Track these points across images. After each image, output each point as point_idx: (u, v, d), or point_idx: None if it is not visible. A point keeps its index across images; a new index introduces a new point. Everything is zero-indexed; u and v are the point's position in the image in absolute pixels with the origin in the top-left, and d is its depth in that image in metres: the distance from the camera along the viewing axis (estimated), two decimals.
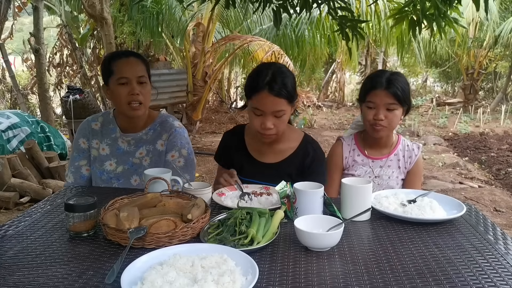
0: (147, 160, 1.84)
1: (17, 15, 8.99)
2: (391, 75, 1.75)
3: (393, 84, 1.71)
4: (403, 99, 1.72)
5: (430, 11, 1.90)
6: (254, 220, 1.18)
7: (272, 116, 1.60)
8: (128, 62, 1.74)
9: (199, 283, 0.89)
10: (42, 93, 6.54)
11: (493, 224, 1.33)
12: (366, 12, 5.52)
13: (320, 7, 2.16)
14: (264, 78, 1.59)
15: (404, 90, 1.72)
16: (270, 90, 1.57)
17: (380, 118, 1.72)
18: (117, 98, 1.74)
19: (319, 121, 10.11)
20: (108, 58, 1.80)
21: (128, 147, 1.85)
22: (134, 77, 1.72)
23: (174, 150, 1.84)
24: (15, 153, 4.36)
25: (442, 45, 10.83)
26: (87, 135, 1.87)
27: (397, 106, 1.73)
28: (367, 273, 1.00)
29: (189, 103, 7.10)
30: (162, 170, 1.57)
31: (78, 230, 1.21)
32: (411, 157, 1.89)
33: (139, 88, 1.73)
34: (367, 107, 1.76)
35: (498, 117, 10.04)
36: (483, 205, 4.19)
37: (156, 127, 1.87)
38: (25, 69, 10.92)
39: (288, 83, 1.60)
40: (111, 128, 1.87)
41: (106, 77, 1.76)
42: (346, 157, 1.90)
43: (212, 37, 7.05)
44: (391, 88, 1.71)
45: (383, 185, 1.87)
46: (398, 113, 1.75)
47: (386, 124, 1.74)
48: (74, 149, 1.89)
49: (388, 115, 1.73)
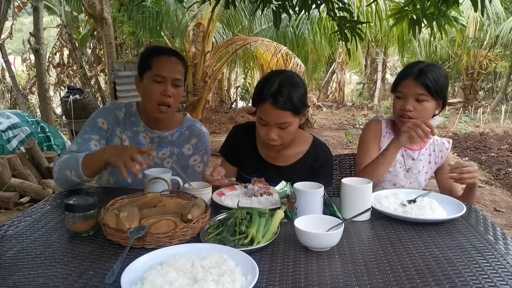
0: (169, 162, 1.79)
1: (17, 15, 9.00)
2: (426, 65, 1.65)
3: (424, 74, 1.61)
4: (434, 90, 1.60)
5: (430, 10, 1.90)
6: (254, 220, 1.18)
7: (277, 127, 1.56)
8: (169, 61, 1.68)
9: (199, 283, 0.89)
10: (42, 93, 6.55)
11: (493, 224, 1.33)
12: (367, 12, 5.52)
13: (319, 7, 2.16)
14: (269, 88, 1.54)
15: (437, 82, 1.61)
16: (274, 102, 1.52)
17: (408, 108, 1.62)
18: (148, 94, 1.68)
19: (319, 121, 10.12)
20: (150, 51, 1.74)
21: (151, 144, 1.79)
22: (171, 78, 1.66)
23: (198, 155, 1.82)
24: (15, 153, 4.36)
25: (442, 45, 10.85)
26: (109, 119, 1.76)
27: (428, 97, 1.62)
28: (367, 273, 1.00)
29: (189, 103, 7.10)
30: (162, 170, 1.57)
31: (78, 230, 1.21)
32: (442, 151, 1.80)
33: (172, 90, 1.67)
34: (397, 97, 1.68)
35: (498, 117, 10.05)
36: (483, 205, 4.19)
37: (183, 130, 1.84)
38: (25, 69, 10.93)
39: (294, 95, 1.53)
40: (133, 121, 1.79)
41: (142, 70, 1.70)
42: (384, 135, 1.81)
43: (212, 37, 7.06)
44: (421, 78, 1.61)
45: (411, 178, 1.79)
46: (429, 105, 1.63)
47: (415, 116, 1.62)
48: (87, 125, 1.76)
49: (417, 106, 1.62)
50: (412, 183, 1.80)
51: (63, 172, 1.57)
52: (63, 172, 1.57)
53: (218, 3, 2.35)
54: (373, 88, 13.26)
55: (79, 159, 1.53)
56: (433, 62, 1.86)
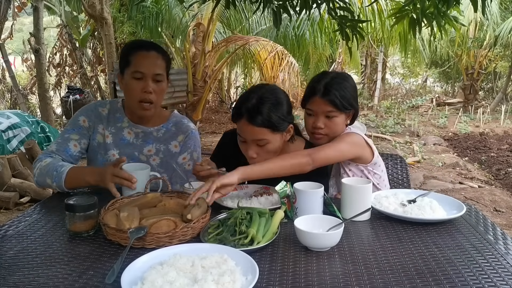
0: (155, 159, 1.75)
1: (17, 15, 8.99)
2: (331, 79, 1.63)
3: (330, 91, 1.60)
4: (342, 106, 1.61)
5: (430, 10, 1.90)
6: (254, 220, 1.18)
7: (254, 144, 1.53)
8: (148, 56, 1.61)
9: (199, 283, 0.89)
10: (42, 93, 6.54)
11: (493, 224, 1.33)
12: (369, 11, 5.52)
13: (320, 7, 2.16)
14: (246, 105, 1.51)
15: (344, 97, 1.61)
16: (250, 118, 1.49)
17: (319, 126, 1.63)
18: (129, 92, 1.63)
19: None
20: (128, 47, 1.68)
21: (135, 140, 1.75)
22: (151, 74, 1.60)
23: (186, 153, 1.78)
24: (15, 153, 4.36)
25: (442, 45, 10.84)
26: (91, 117, 1.73)
27: (337, 113, 1.62)
28: (367, 273, 1.00)
29: (189, 103, 7.10)
30: (139, 166, 1.56)
31: (78, 230, 1.21)
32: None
33: (153, 86, 1.61)
34: (307, 114, 1.68)
35: (498, 117, 10.04)
36: (483, 205, 4.19)
37: (169, 126, 1.79)
38: (25, 69, 10.93)
39: (272, 111, 1.49)
40: (117, 117, 1.75)
41: (122, 67, 1.65)
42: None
43: (212, 37, 7.05)
44: (328, 96, 1.60)
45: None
46: (339, 120, 1.64)
47: (326, 132, 1.64)
48: (69, 124, 1.74)
49: (328, 122, 1.63)
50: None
51: (43, 178, 1.57)
52: (44, 178, 1.57)
53: (218, 3, 2.35)
54: (373, 88, 13.24)
55: (62, 174, 1.52)
56: (340, 72, 1.82)
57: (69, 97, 7.76)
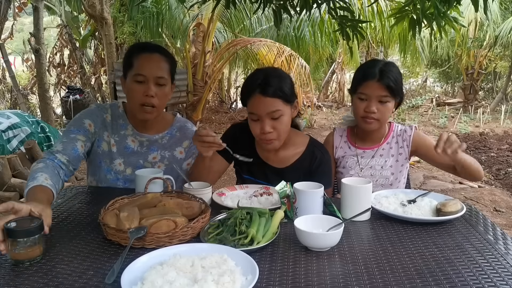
0: (161, 166, 1.72)
1: (17, 15, 9.00)
2: (384, 65, 1.67)
3: (386, 75, 1.63)
4: (396, 91, 1.65)
5: (430, 10, 1.90)
6: (254, 220, 1.18)
7: (269, 118, 1.55)
8: (150, 58, 1.57)
9: (199, 283, 0.89)
10: (42, 93, 6.54)
11: (493, 224, 1.33)
12: (369, 12, 5.52)
13: (320, 7, 2.16)
14: (256, 81, 1.55)
15: (397, 82, 1.66)
16: (262, 91, 1.53)
17: (372, 110, 1.66)
18: (130, 95, 1.59)
19: (319, 121, 10.12)
20: (131, 49, 1.63)
21: (140, 148, 1.72)
22: (153, 77, 1.56)
23: (191, 158, 1.76)
24: (15, 153, 4.36)
25: (442, 45, 10.83)
26: (97, 122, 1.67)
27: (390, 98, 1.67)
28: (367, 273, 1.00)
29: (189, 103, 7.10)
30: (153, 171, 1.55)
31: (21, 258, 1.03)
32: (406, 140, 1.80)
33: (155, 89, 1.56)
34: (359, 99, 1.69)
35: (498, 117, 10.05)
36: (483, 205, 4.19)
37: (174, 132, 1.76)
38: (25, 69, 10.93)
39: (281, 83, 1.55)
40: (121, 124, 1.71)
41: (125, 69, 1.61)
42: (337, 146, 1.88)
43: (212, 37, 7.06)
44: (384, 80, 1.63)
45: (376, 175, 1.81)
46: (390, 105, 1.69)
47: (378, 116, 1.68)
48: (72, 124, 1.65)
49: (380, 107, 1.67)
50: (378, 180, 1.80)
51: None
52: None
53: (218, 3, 2.35)
54: None
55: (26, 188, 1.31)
56: (388, 60, 1.86)
57: (69, 97, 7.76)
